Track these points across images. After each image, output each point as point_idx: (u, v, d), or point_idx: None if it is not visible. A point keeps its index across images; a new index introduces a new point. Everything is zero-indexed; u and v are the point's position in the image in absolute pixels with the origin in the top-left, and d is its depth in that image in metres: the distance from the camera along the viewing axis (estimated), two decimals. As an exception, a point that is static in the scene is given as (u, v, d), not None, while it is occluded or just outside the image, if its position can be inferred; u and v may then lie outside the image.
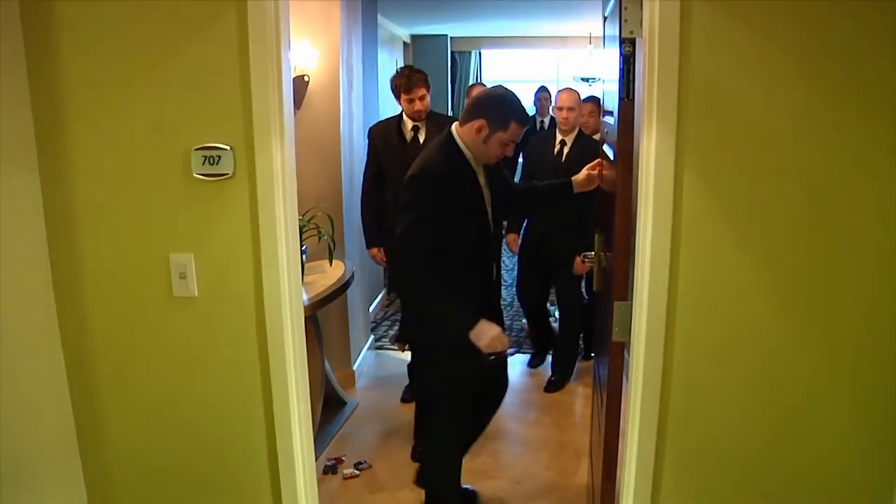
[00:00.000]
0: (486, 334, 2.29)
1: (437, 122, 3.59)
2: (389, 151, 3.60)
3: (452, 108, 8.81)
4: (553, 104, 4.60)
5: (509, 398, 4.00)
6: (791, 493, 1.87)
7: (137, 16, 1.84)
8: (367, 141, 3.77)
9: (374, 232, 3.79)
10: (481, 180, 2.49)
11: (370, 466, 3.23)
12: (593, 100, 4.36)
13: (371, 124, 3.87)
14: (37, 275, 1.98)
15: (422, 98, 3.52)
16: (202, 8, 1.82)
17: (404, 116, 3.61)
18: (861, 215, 1.71)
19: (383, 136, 3.66)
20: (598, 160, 2.64)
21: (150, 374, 2.05)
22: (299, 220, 2.34)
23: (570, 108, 3.97)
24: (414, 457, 3.30)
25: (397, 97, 3.57)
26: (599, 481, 2.17)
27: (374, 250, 3.82)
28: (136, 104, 1.89)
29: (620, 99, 1.86)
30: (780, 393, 1.82)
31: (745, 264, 1.77)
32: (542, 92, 6.17)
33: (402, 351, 4.45)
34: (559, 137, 4.09)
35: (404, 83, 3.49)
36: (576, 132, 4.03)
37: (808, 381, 1.81)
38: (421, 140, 3.58)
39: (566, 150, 4.03)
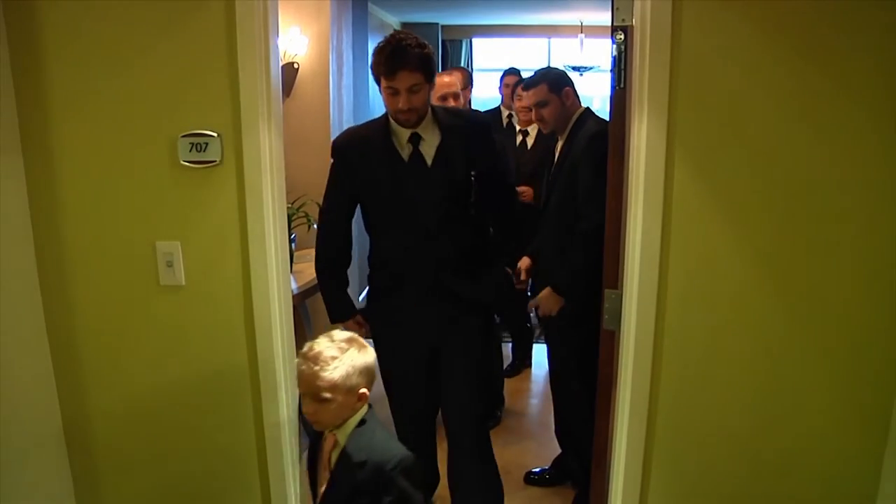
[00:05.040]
0: None
1: (453, 121, 2.25)
2: (374, 177, 2.21)
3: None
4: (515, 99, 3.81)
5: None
6: (779, 478, 1.88)
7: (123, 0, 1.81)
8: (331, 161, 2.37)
9: (344, 299, 2.38)
10: None
11: (360, 455, 3.22)
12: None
13: (352, 123, 2.91)
14: (22, 264, 1.95)
15: (413, 90, 2.08)
16: (189, -8, 1.79)
17: (391, 121, 2.21)
18: (852, 201, 1.72)
19: (359, 152, 2.24)
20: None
21: (138, 364, 2.03)
22: (288, 208, 2.32)
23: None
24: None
25: (378, 84, 2.18)
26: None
27: (352, 322, 2.36)
28: (122, 90, 1.87)
29: (613, 87, 1.85)
30: (770, 380, 1.83)
31: (736, 251, 1.77)
32: (509, 76, 4.14)
33: None
34: (518, 127, 3.84)
35: (384, 63, 2.09)
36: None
37: (799, 369, 1.81)
38: (429, 158, 2.19)
39: (529, 140, 3.80)
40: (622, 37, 1.80)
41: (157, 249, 1.94)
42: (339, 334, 1.73)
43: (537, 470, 3.05)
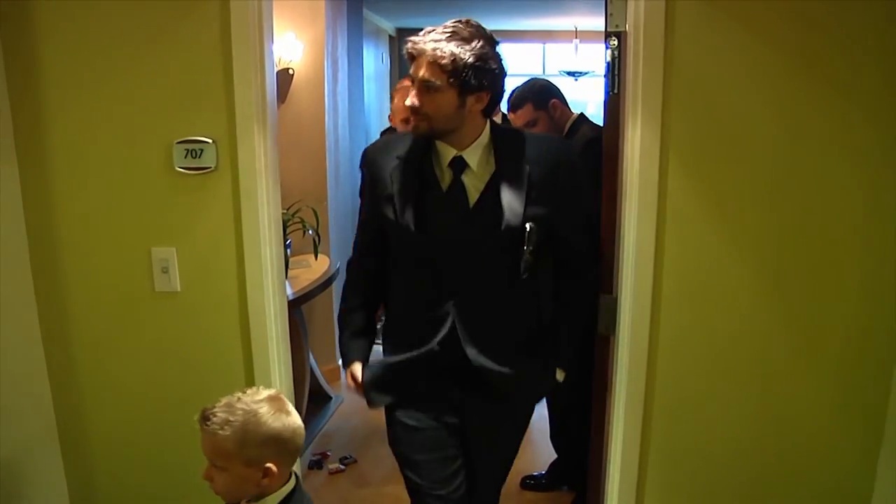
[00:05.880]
0: None
1: (518, 149, 1.65)
2: (394, 203, 1.65)
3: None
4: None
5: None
6: (774, 481, 1.89)
7: (118, 6, 1.81)
8: (360, 172, 1.87)
9: (348, 342, 1.85)
10: None
11: (356, 461, 3.22)
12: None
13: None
14: (17, 270, 1.95)
15: (428, 87, 1.55)
16: (184, -2, 1.79)
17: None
18: (847, 206, 1.73)
19: (389, 163, 1.68)
20: None
21: (133, 370, 2.03)
22: (284, 214, 2.32)
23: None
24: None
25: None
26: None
27: (348, 371, 1.83)
28: (117, 96, 1.87)
29: (607, 93, 1.86)
30: (766, 384, 1.84)
31: (731, 255, 1.78)
32: None
33: None
34: None
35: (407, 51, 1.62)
36: None
37: (794, 373, 1.82)
38: (472, 194, 1.64)
39: None
40: (616, 42, 1.81)
41: (153, 255, 1.94)
42: (259, 392, 1.44)
43: (534, 475, 3.04)
